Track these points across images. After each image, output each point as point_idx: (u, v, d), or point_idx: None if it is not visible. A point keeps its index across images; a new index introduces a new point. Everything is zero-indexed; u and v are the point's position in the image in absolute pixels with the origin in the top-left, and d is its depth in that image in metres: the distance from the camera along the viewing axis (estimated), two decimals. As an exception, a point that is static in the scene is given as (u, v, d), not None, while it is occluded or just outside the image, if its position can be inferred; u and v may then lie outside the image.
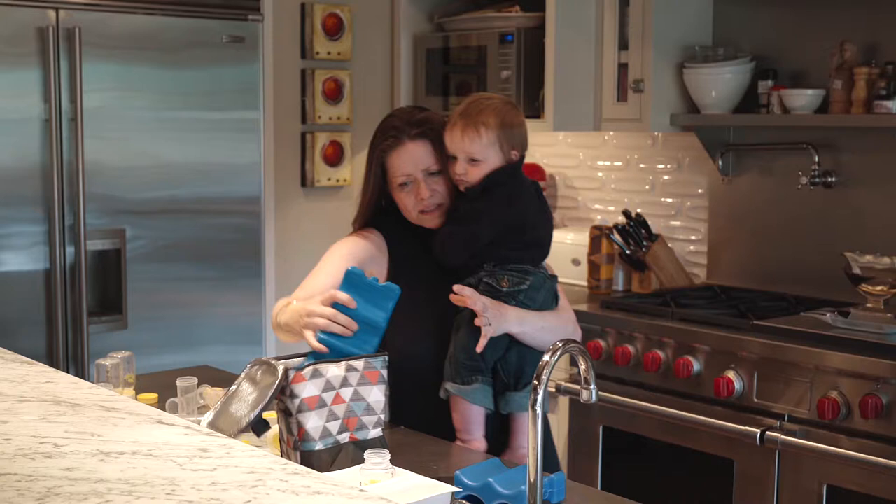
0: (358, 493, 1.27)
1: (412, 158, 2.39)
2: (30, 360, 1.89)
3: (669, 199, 4.11)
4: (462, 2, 4.45)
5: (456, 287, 2.25)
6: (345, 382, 2.01)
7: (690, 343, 3.28)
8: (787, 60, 3.67)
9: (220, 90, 3.98)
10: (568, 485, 2.04)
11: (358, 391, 2.02)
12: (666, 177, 4.11)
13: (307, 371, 1.97)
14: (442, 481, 1.93)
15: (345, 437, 2.00)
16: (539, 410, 1.77)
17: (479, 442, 2.28)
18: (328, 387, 1.99)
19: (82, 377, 3.05)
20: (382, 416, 2.05)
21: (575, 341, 1.86)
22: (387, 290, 2.11)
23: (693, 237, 4.05)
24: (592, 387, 1.84)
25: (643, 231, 3.88)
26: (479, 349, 2.23)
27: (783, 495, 3.08)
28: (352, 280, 2.13)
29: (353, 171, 4.51)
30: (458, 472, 1.98)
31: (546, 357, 1.79)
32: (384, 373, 2.06)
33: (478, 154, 2.34)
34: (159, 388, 2.53)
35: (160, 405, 2.40)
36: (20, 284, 3.61)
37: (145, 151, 3.81)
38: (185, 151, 3.91)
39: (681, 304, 3.51)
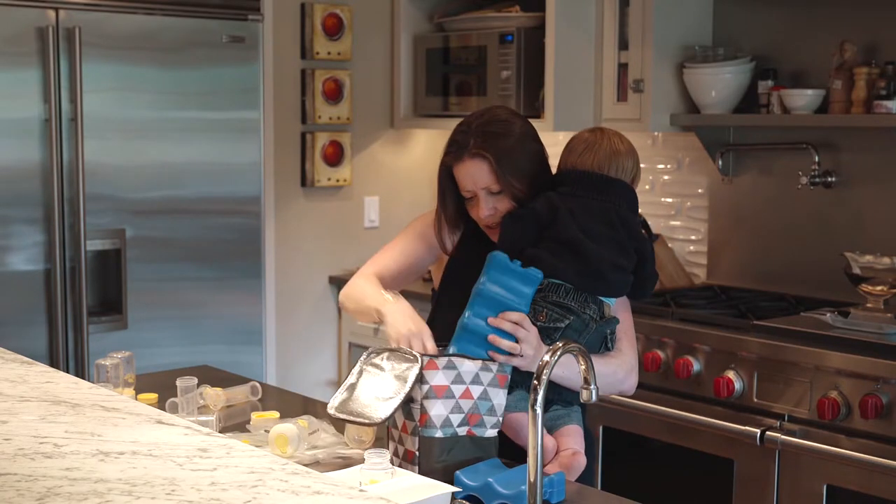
0: (358, 493, 1.27)
1: (471, 176, 2.32)
2: (30, 360, 1.89)
3: (669, 199, 4.11)
4: (462, 2, 4.46)
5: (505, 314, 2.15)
6: (476, 379, 2.07)
7: (690, 343, 3.28)
8: (787, 60, 3.67)
9: (220, 90, 3.98)
10: (568, 485, 2.04)
11: (487, 391, 2.08)
12: (666, 177, 4.11)
13: (441, 361, 2.04)
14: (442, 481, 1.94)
15: (463, 430, 2.05)
16: (539, 410, 1.77)
17: (548, 440, 2.20)
18: (458, 380, 2.05)
19: (82, 377, 3.05)
20: (500, 419, 2.10)
21: (575, 342, 1.85)
22: (527, 275, 2.16)
23: (693, 237, 4.05)
24: (592, 387, 1.84)
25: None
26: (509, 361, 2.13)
27: (783, 495, 3.08)
28: (495, 264, 2.17)
29: (352, 171, 4.51)
30: (458, 472, 1.98)
31: (546, 357, 1.79)
32: (509, 378, 2.12)
33: None
34: (159, 388, 2.54)
35: (160, 405, 2.40)
36: (20, 284, 3.61)
37: (145, 151, 3.81)
38: (185, 151, 3.91)
39: (681, 304, 3.51)
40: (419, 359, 2.03)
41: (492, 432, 2.09)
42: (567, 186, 2.31)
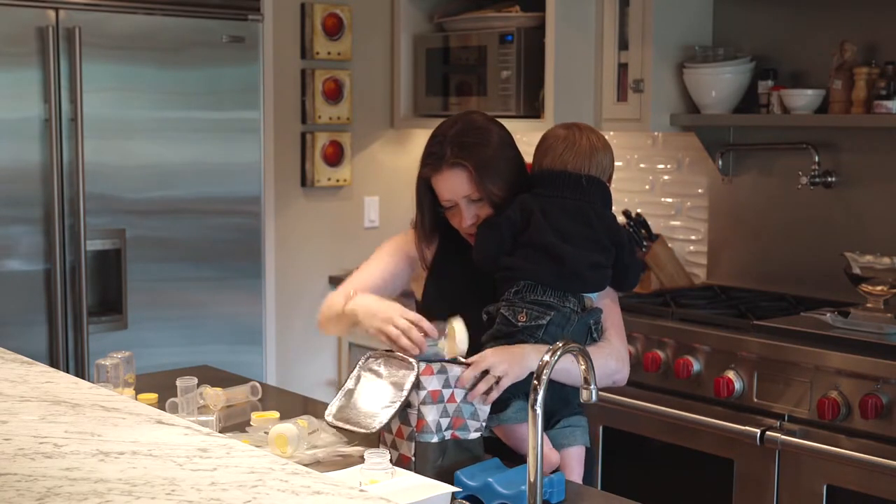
0: (358, 493, 1.27)
1: (450, 186, 2.33)
2: (30, 360, 1.89)
3: (669, 199, 4.10)
4: (462, 2, 4.46)
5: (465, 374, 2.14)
6: (459, 384, 2.08)
7: (690, 343, 3.28)
8: (787, 60, 3.67)
9: (220, 90, 3.98)
10: (568, 485, 2.04)
11: (467, 395, 2.08)
12: (666, 177, 4.11)
13: (436, 366, 2.04)
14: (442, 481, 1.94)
15: (448, 434, 2.06)
16: (539, 410, 1.77)
17: (552, 453, 2.20)
18: (447, 384, 2.06)
19: (82, 377, 3.05)
20: (482, 424, 2.11)
21: (574, 342, 1.85)
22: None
23: (693, 237, 4.05)
24: (592, 387, 1.84)
25: (643, 231, 3.88)
26: (487, 403, 2.11)
27: (783, 495, 3.08)
28: None
29: (352, 171, 4.51)
30: (458, 472, 1.99)
31: (546, 357, 1.79)
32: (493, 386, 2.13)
33: None
34: (159, 388, 2.53)
35: (160, 405, 2.40)
36: (20, 284, 3.61)
37: (145, 151, 3.81)
38: (185, 151, 3.91)
39: (681, 304, 3.51)
40: (415, 365, 2.02)
41: (475, 434, 2.10)
42: (542, 187, 2.31)
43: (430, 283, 2.45)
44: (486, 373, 2.11)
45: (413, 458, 2.04)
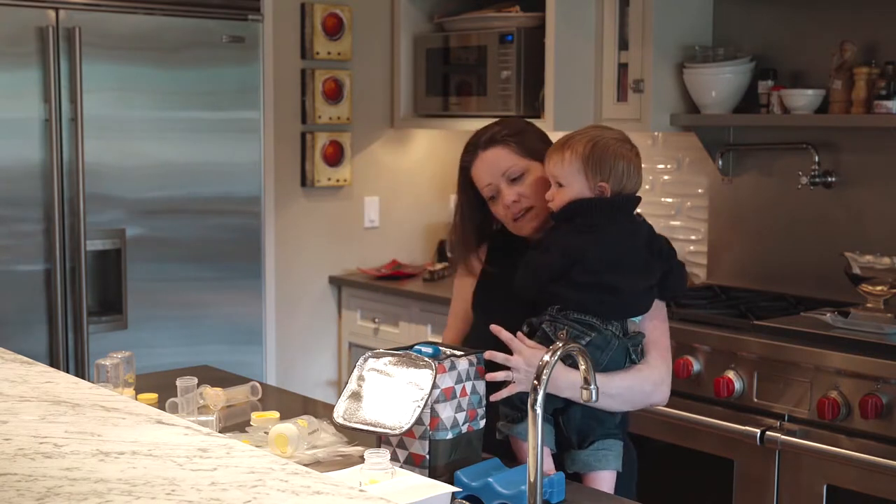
0: (358, 493, 1.27)
1: (487, 168, 2.37)
2: (30, 360, 1.89)
3: (669, 199, 4.11)
4: (462, 2, 4.46)
5: (493, 327, 2.19)
6: (467, 376, 2.09)
7: (690, 343, 3.28)
8: (787, 60, 3.67)
9: (220, 90, 3.98)
10: (568, 485, 2.04)
11: (475, 385, 2.11)
12: (666, 177, 4.11)
13: (447, 363, 2.05)
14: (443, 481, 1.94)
15: (465, 428, 2.08)
16: (539, 411, 1.77)
17: (550, 469, 2.17)
18: (458, 379, 2.07)
19: (82, 377, 3.05)
20: (484, 409, 2.13)
21: (576, 343, 1.85)
22: None
23: (693, 237, 4.05)
24: (593, 387, 1.84)
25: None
26: (492, 398, 2.14)
27: (783, 495, 3.08)
28: None
29: (352, 171, 4.51)
30: (457, 472, 1.98)
31: (546, 357, 1.79)
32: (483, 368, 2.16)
33: (560, 177, 2.25)
34: (159, 388, 2.53)
35: (160, 405, 2.39)
36: (20, 284, 3.61)
37: (145, 151, 3.81)
38: (185, 151, 3.91)
39: (681, 304, 3.51)
40: (433, 365, 2.01)
41: (482, 423, 2.12)
42: (611, 213, 2.24)
43: (481, 286, 2.47)
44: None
45: (427, 456, 2.03)
